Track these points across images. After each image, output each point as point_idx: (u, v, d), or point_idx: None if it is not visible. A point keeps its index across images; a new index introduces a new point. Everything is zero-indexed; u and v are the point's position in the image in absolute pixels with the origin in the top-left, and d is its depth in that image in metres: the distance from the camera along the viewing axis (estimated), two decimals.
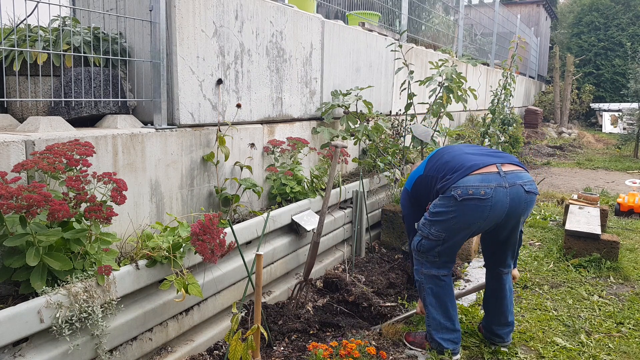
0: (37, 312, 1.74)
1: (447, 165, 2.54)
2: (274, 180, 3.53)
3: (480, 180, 2.39)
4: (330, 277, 3.41)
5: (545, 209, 5.97)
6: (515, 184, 2.42)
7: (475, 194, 2.37)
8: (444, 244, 2.54)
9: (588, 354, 2.76)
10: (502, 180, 2.40)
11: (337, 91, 4.33)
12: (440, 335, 2.61)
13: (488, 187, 2.37)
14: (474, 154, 2.58)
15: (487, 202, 2.38)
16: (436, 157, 2.70)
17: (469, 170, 2.43)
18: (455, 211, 2.43)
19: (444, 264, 2.61)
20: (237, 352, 2.09)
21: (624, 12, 17.62)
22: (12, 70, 2.62)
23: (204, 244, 2.18)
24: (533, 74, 17.02)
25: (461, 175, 2.42)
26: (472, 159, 2.50)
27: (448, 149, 2.72)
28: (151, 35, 2.68)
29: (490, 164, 2.44)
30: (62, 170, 1.95)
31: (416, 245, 2.64)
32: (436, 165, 2.64)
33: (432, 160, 2.71)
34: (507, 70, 6.57)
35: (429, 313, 2.65)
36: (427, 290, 2.65)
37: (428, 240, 2.57)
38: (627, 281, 3.82)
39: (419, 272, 2.68)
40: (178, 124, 2.82)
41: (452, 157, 2.58)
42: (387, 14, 6.50)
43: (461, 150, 2.64)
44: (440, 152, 2.73)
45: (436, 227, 2.52)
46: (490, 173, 2.41)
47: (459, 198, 2.39)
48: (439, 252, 2.57)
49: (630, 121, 11.06)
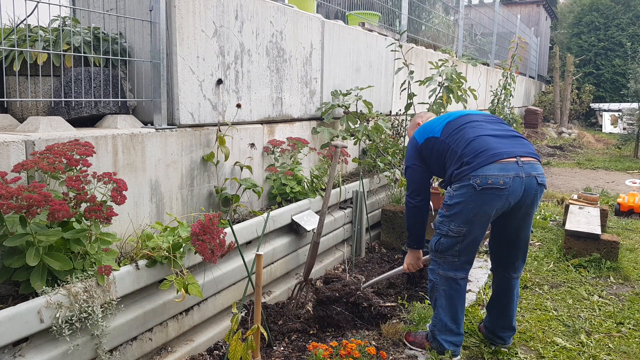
0: (37, 312, 1.74)
1: (469, 146, 2.45)
2: (274, 180, 3.53)
3: (499, 169, 2.36)
4: (330, 277, 3.41)
5: (545, 209, 5.97)
6: (530, 175, 2.41)
7: (494, 183, 2.35)
8: (464, 241, 2.49)
9: (588, 354, 2.76)
10: (520, 170, 2.39)
11: (337, 91, 4.33)
12: (444, 336, 2.59)
13: (507, 177, 2.36)
14: (498, 136, 2.50)
15: (504, 192, 2.37)
16: (456, 125, 2.58)
17: (492, 159, 2.38)
18: (473, 200, 2.39)
19: (462, 266, 2.55)
20: (237, 352, 2.09)
21: (624, 12, 17.62)
22: (12, 70, 2.62)
23: (204, 244, 2.18)
24: (533, 74, 17.02)
25: (482, 164, 2.37)
26: (496, 146, 2.43)
27: (470, 119, 2.60)
28: (151, 35, 2.68)
29: (513, 156, 2.40)
30: (62, 170, 1.95)
31: (434, 244, 2.58)
32: (456, 136, 2.53)
33: (451, 127, 2.59)
34: (507, 70, 6.58)
35: (437, 314, 2.61)
36: (440, 292, 2.58)
37: (448, 238, 2.51)
38: (627, 281, 3.82)
39: (435, 272, 2.60)
40: (178, 124, 2.82)
41: (475, 136, 2.48)
42: (387, 14, 6.50)
43: (484, 129, 2.52)
44: (461, 120, 2.61)
45: (456, 222, 2.46)
46: (510, 162, 2.39)
47: (478, 187, 2.36)
48: (459, 250, 2.51)
49: (630, 121, 11.07)
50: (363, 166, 4.66)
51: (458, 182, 2.45)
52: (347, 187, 3.96)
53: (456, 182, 2.46)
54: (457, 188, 2.45)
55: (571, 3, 20.80)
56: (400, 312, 3.19)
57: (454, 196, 2.46)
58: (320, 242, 3.17)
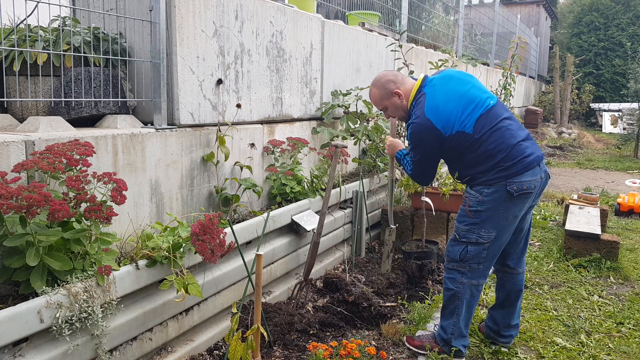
0: (37, 312, 1.74)
1: (511, 153, 2.38)
2: (274, 180, 3.53)
3: (532, 174, 2.42)
4: (330, 277, 3.41)
5: (545, 209, 5.97)
6: (546, 173, 2.51)
7: (528, 188, 2.41)
8: (492, 246, 2.47)
9: (588, 354, 2.76)
10: (541, 172, 2.47)
11: (337, 91, 4.33)
12: (460, 342, 2.62)
13: (536, 181, 2.43)
14: (525, 139, 2.46)
15: (533, 194, 2.45)
16: (490, 123, 2.43)
17: (529, 167, 2.40)
18: (505, 205, 2.41)
19: (485, 271, 2.55)
20: (237, 352, 2.09)
21: (624, 12, 17.62)
22: (12, 70, 2.62)
23: (204, 244, 2.18)
24: (533, 74, 17.02)
25: (520, 172, 2.38)
26: (529, 152, 2.42)
27: (500, 113, 2.47)
28: (151, 35, 2.68)
29: (538, 162, 2.44)
30: (62, 170, 1.95)
31: (460, 254, 2.52)
32: (493, 135, 2.41)
33: (484, 124, 2.42)
34: (507, 70, 6.57)
35: (455, 322, 2.59)
36: (463, 301, 2.55)
37: (476, 246, 2.48)
38: (627, 281, 3.82)
39: (457, 281, 2.55)
40: (178, 124, 2.82)
41: (515, 143, 2.40)
42: (387, 14, 6.50)
43: (517, 134, 2.44)
44: (492, 115, 2.45)
45: (486, 228, 2.44)
46: (537, 166, 2.45)
47: (515, 194, 2.39)
48: (485, 256, 2.49)
49: (630, 121, 11.06)
50: (363, 166, 4.66)
51: (489, 187, 2.41)
52: (347, 187, 3.96)
53: (485, 186, 2.42)
54: (489, 194, 2.41)
55: (571, 3, 20.80)
56: (400, 312, 3.19)
57: (484, 202, 2.42)
58: (320, 242, 3.17)
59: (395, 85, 2.63)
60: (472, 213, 2.45)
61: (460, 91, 2.50)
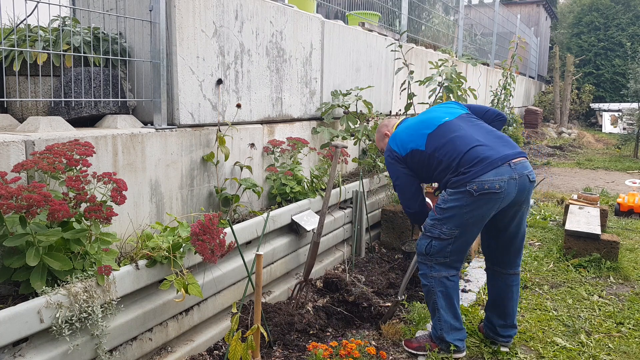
0: (37, 312, 1.74)
1: (464, 159, 2.48)
2: (274, 180, 3.53)
3: (494, 174, 2.42)
4: (330, 277, 3.41)
5: (545, 209, 5.97)
6: (523, 174, 2.48)
7: (490, 188, 2.40)
8: (456, 242, 2.54)
9: (588, 354, 2.76)
10: (513, 172, 2.45)
11: (337, 91, 4.33)
12: (452, 336, 2.63)
13: (502, 181, 2.41)
14: (484, 144, 2.51)
15: (500, 195, 2.43)
16: (442, 138, 2.58)
17: (488, 167, 2.42)
18: (469, 205, 2.44)
19: (453, 264, 2.60)
20: (237, 352, 2.09)
21: (624, 12, 17.62)
22: (12, 70, 2.62)
23: (204, 244, 2.18)
24: (533, 74, 17.02)
25: (479, 173, 2.41)
26: (489, 154, 2.46)
27: (453, 128, 2.60)
28: (151, 35, 2.68)
29: (505, 161, 2.44)
30: (62, 170, 1.95)
31: (424, 248, 2.61)
32: (445, 150, 2.54)
33: (435, 140, 2.59)
34: (507, 70, 6.57)
35: (440, 316, 2.63)
36: (437, 294, 2.62)
37: (439, 241, 2.56)
38: (627, 281, 3.82)
39: (427, 276, 2.64)
40: (178, 124, 2.82)
41: (467, 149, 2.49)
42: (387, 14, 6.50)
43: (471, 139, 2.54)
44: (443, 130, 2.61)
45: (448, 225, 2.51)
46: (503, 166, 2.44)
47: (475, 193, 2.41)
48: (450, 251, 2.56)
49: (630, 121, 11.06)
50: (363, 166, 4.66)
51: (454, 188, 2.49)
52: (347, 187, 3.96)
53: (452, 188, 2.51)
54: (453, 193, 2.50)
55: (571, 3, 20.81)
56: (400, 312, 3.19)
57: (448, 200, 2.51)
58: (320, 242, 3.17)
59: (386, 128, 3.14)
60: (437, 210, 2.57)
61: (422, 118, 2.80)
